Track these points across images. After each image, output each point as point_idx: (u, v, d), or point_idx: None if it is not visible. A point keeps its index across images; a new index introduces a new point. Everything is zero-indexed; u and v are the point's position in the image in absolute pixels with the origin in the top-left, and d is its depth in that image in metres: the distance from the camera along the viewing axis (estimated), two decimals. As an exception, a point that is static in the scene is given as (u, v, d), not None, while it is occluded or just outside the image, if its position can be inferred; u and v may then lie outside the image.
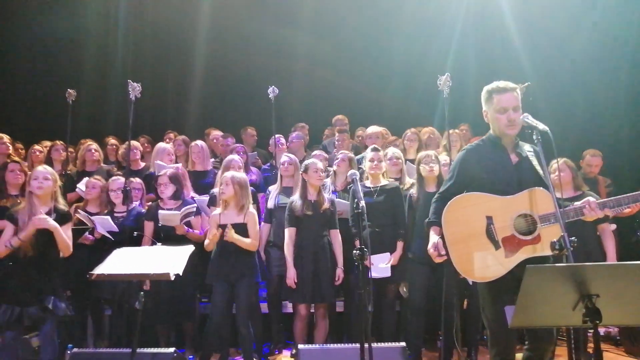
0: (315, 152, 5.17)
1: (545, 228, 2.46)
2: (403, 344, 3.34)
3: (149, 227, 4.21)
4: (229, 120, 6.73)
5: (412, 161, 4.62)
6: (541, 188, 2.50)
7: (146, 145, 5.84)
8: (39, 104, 7.08)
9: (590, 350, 3.62)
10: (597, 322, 1.75)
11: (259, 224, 4.29)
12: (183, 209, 4.04)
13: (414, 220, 4.09)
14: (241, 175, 4.05)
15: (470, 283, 3.50)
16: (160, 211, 4.10)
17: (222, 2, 7.28)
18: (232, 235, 3.80)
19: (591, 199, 2.48)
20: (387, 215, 4.11)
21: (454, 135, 5.34)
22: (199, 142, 5.21)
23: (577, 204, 2.49)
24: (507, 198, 2.52)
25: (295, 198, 4.12)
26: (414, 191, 4.17)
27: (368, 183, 4.24)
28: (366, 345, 2.73)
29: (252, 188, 4.51)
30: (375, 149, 4.34)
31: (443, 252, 2.56)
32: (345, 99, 7.27)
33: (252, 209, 3.97)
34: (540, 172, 2.52)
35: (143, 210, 4.38)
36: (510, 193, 2.53)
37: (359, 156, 4.99)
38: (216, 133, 6.18)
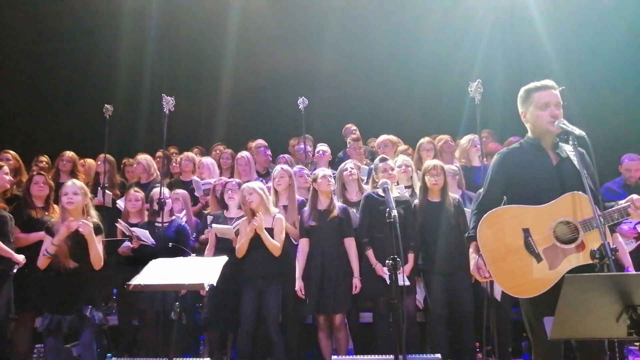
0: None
1: (589, 234, 2.31)
2: (439, 355, 3.29)
3: (212, 234, 4.28)
4: (260, 131, 6.80)
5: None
6: (580, 192, 2.35)
7: (199, 156, 5.95)
8: (76, 120, 7.30)
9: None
10: (644, 333, 1.70)
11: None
12: (235, 222, 4.09)
13: (420, 230, 4.08)
14: (259, 183, 4.15)
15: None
16: (213, 224, 4.18)
17: (250, 17, 7.43)
18: (261, 226, 3.82)
19: (635, 196, 2.33)
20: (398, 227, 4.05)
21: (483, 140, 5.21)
22: (245, 154, 5.29)
23: (621, 202, 2.36)
24: (542, 207, 2.39)
25: (305, 209, 4.17)
26: (416, 200, 4.17)
27: (380, 193, 4.15)
28: (401, 356, 2.70)
29: (301, 198, 4.49)
30: (383, 159, 4.32)
31: (487, 275, 2.43)
32: (371, 106, 7.27)
33: (279, 215, 4.02)
34: (585, 172, 2.33)
35: (184, 223, 4.46)
36: (551, 195, 2.40)
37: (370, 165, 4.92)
38: (259, 143, 6.26)
